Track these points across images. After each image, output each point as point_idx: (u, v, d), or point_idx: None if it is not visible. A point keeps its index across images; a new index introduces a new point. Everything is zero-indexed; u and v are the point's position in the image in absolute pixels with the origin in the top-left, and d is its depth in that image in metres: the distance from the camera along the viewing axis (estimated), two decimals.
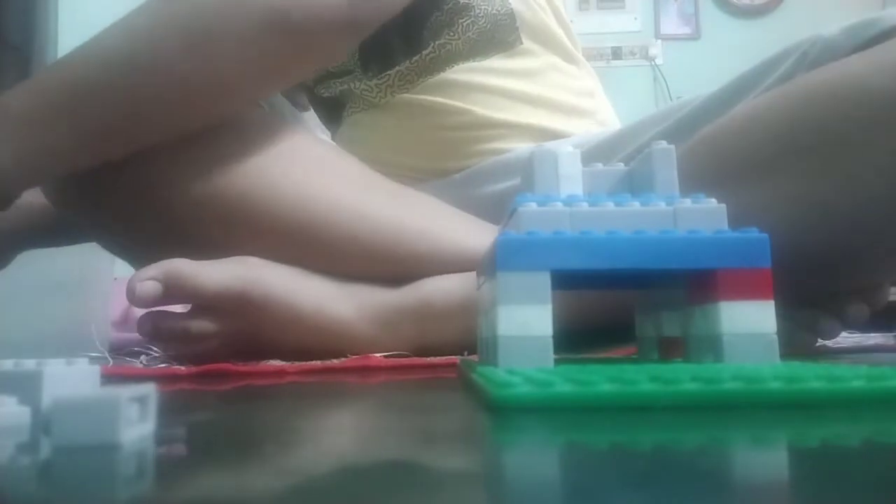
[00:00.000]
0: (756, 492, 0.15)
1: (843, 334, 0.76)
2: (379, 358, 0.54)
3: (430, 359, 0.54)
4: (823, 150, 0.49)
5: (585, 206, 0.34)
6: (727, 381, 0.25)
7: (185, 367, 0.49)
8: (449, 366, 0.50)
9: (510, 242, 0.32)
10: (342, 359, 0.53)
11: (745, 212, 0.38)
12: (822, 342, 0.65)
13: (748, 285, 0.31)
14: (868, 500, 0.14)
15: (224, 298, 0.54)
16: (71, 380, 0.23)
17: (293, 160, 0.59)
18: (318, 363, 0.52)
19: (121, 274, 0.73)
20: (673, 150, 0.36)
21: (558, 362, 0.32)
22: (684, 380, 0.25)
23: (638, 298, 0.43)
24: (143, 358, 0.58)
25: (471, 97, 0.71)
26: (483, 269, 0.39)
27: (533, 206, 0.34)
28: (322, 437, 0.24)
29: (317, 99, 0.80)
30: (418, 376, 0.44)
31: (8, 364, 0.23)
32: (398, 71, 0.72)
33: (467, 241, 0.59)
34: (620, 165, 0.39)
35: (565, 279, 0.33)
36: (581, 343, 0.52)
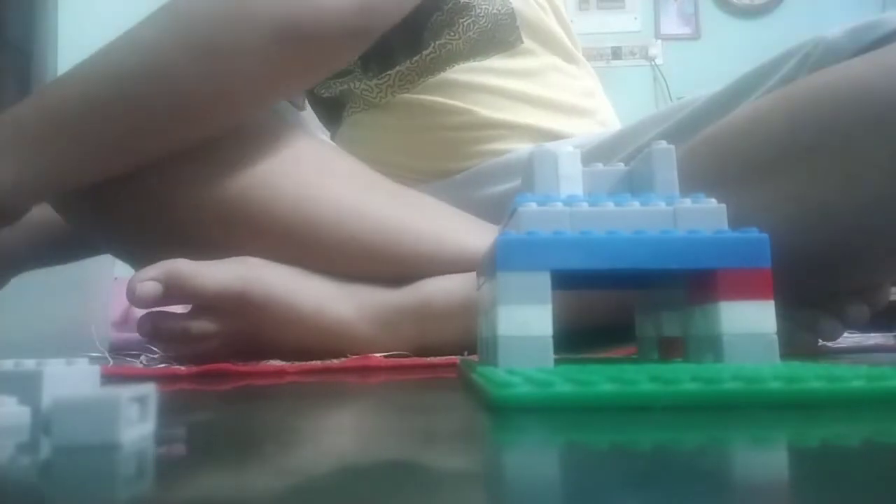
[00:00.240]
0: (756, 492, 0.15)
1: (843, 334, 0.76)
2: (379, 358, 0.54)
3: (430, 359, 0.54)
4: (825, 151, 0.49)
5: (585, 206, 0.34)
6: (727, 381, 0.25)
7: (185, 367, 0.49)
8: (449, 366, 0.50)
9: (510, 242, 0.32)
10: (342, 359, 0.53)
11: (745, 212, 0.38)
12: (823, 342, 0.65)
13: (748, 285, 0.31)
14: (868, 500, 0.14)
15: (224, 298, 0.54)
16: (71, 380, 0.23)
17: (293, 160, 0.59)
18: (318, 363, 0.52)
19: (121, 274, 0.73)
20: (673, 150, 0.36)
21: (558, 362, 0.32)
22: (684, 380, 0.25)
23: (638, 298, 0.43)
24: (143, 358, 0.58)
25: (471, 97, 0.71)
26: (483, 270, 0.39)
27: (533, 206, 0.34)
28: (322, 437, 0.24)
29: (316, 99, 0.80)
30: (418, 376, 0.44)
31: (8, 364, 0.23)
32: (398, 71, 0.72)
33: (467, 241, 0.59)
34: (620, 165, 0.39)
35: (565, 279, 0.33)
36: (581, 343, 0.52)
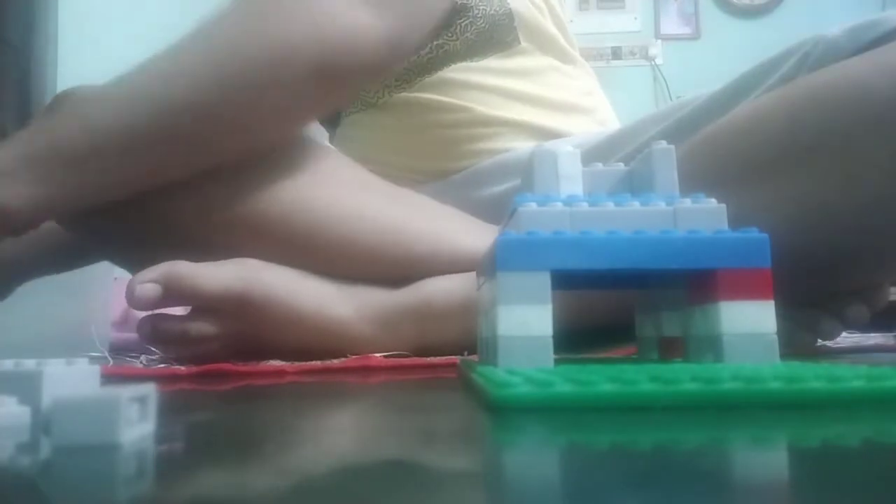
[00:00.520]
0: (756, 492, 0.15)
1: (843, 334, 0.76)
2: (379, 358, 0.54)
3: (430, 359, 0.54)
4: (825, 151, 0.49)
5: (585, 206, 0.34)
6: (727, 381, 0.25)
7: (185, 367, 0.49)
8: (449, 366, 0.50)
9: (510, 242, 0.32)
10: (342, 359, 0.53)
11: (745, 212, 0.38)
12: (823, 342, 0.65)
13: (748, 285, 0.31)
14: (868, 500, 0.14)
15: (224, 300, 0.54)
16: (71, 380, 0.23)
17: (291, 163, 0.59)
18: (318, 363, 0.52)
19: (121, 274, 0.73)
20: (673, 150, 0.36)
21: (558, 362, 0.32)
22: (684, 380, 0.25)
23: (638, 298, 0.43)
24: (143, 358, 0.58)
25: (468, 95, 0.71)
26: (483, 270, 0.39)
27: (533, 206, 0.34)
28: (322, 437, 0.24)
29: None
30: (418, 376, 0.44)
31: (8, 364, 0.23)
32: (395, 71, 0.72)
33: (466, 241, 0.59)
34: (620, 165, 0.39)
35: (565, 279, 0.33)
36: (581, 343, 0.52)
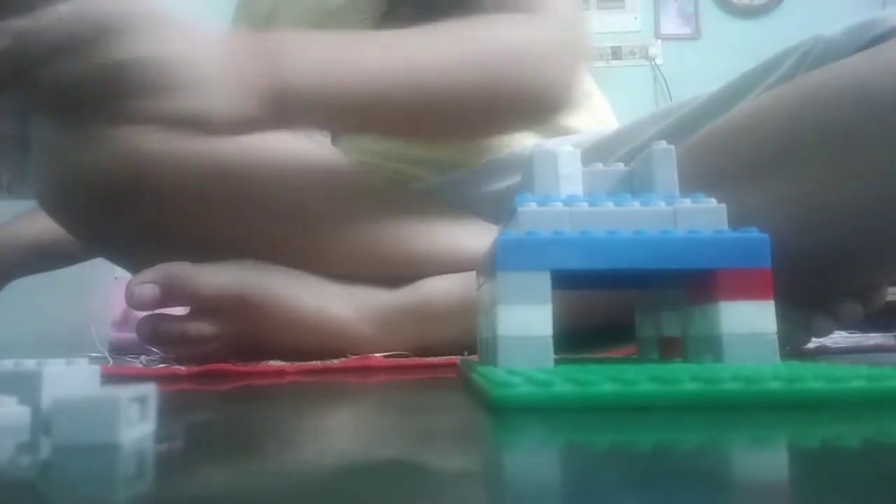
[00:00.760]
0: (756, 492, 0.15)
1: (843, 334, 0.76)
2: (379, 358, 0.54)
3: (430, 359, 0.54)
4: (824, 149, 0.49)
5: (585, 206, 0.34)
6: (727, 381, 0.25)
7: (185, 367, 0.49)
8: (449, 366, 0.50)
9: (510, 242, 0.32)
10: (342, 359, 0.53)
11: (745, 211, 0.38)
12: (822, 343, 0.65)
13: (748, 285, 0.31)
14: (868, 500, 0.14)
15: (223, 301, 0.54)
16: (71, 380, 0.23)
17: (289, 163, 0.59)
18: (318, 363, 0.52)
19: (121, 274, 0.73)
20: (673, 150, 0.36)
21: (558, 362, 0.32)
22: (684, 380, 0.25)
23: (638, 298, 0.43)
24: (143, 358, 0.58)
25: None
26: (483, 269, 0.39)
27: (533, 206, 0.34)
28: (322, 437, 0.24)
29: None
30: (418, 376, 0.44)
31: (8, 364, 0.23)
32: None
33: (466, 241, 0.59)
34: (620, 165, 0.39)
35: (565, 279, 0.33)
36: (581, 343, 0.52)
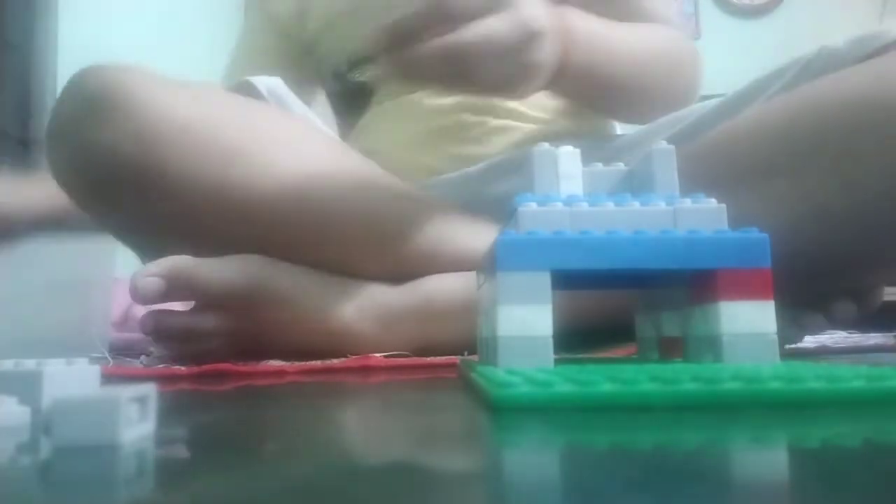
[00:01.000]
0: (756, 492, 0.15)
1: (843, 334, 0.76)
2: (379, 358, 0.54)
3: (430, 359, 0.54)
4: (823, 156, 0.50)
5: (585, 205, 0.34)
6: (727, 381, 0.25)
7: (185, 367, 0.49)
8: (449, 366, 0.50)
9: (510, 242, 0.32)
10: (342, 359, 0.53)
11: (746, 215, 0.39)
12: (822, 343, 0.65)
13: (748, 285, 0.31)
14: (868, 500, 0.14)
15: (227, 296, 0.54)
16: (71, 380, 0.23)
17: (299, 153, 0.59)
18: (318, 363, 0.52)
19: (121, 274, 0.73)
20: (673, 150, 0.36)
21: (558, 362, 0.32)
22: (684, 380, 0.25)
23: (638, 298, 0.43)
24: (143, 358, 0.58)
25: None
26: (483, 269, 0.39)
27: (533, 205, 0.34)
28: (322, 437, 0.24)
29: (342, 85, 0.80)
30: (418, 376, 0.44)
31: (8, 364, 0.23)
32: None
33: (469, 239, 0.59)
34: (620, 165, 0.39)
35: (565, 279, 0.33)
36: (581, 343, 0.52)
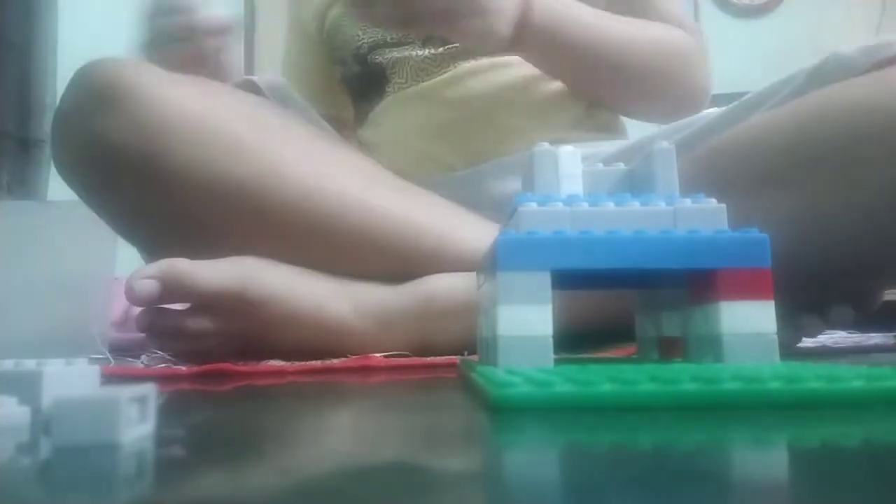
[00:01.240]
0: (756, 492, 0.15)
1: (843, 334, 0.76)
2: (379, 358, 0.54)
3: (430, 359, 0.54)
4: (829, 164, 0.51)
5: (586, 205, 0.34)
6: (727, 381, 0.25)
7: (185, 367, 0.49)
8: (449, 366, 0.50)
9: (510, 242, 0.32)
10: (342, 359, 0.53)
11: (751, 221, 0.39)
12: (822, 343, 0.66)
13: (748, 285, 0.31)
14: (868, 500, 0.14)
15: (221, 298, 0.54)
16: (71, 380, 0.23)
17: (302, 151, 0.59)
18: (318, 363, 0.52)
19: (121, 274, 0.73)
20: (673, 150, 0.36)
21: (558, 362, 0.31)
22: (684, 380, 0.25)
23: (638, 298, 0.43)
24: (143, 358, 0.58)
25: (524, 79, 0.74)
26: (483, 269, 0.39)
27: (533, 205, 0.34)
28: (322, 437, 0.24)
29: (358, 72, 0.80)
30: (418, 376, 0.44)
31: (8, 364, 0.23)
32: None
33: (471, 238, 0.59)
34: (621, 165, 0.39)
35: (565, 279, 0.33)
36: (581, 343, 0.52)
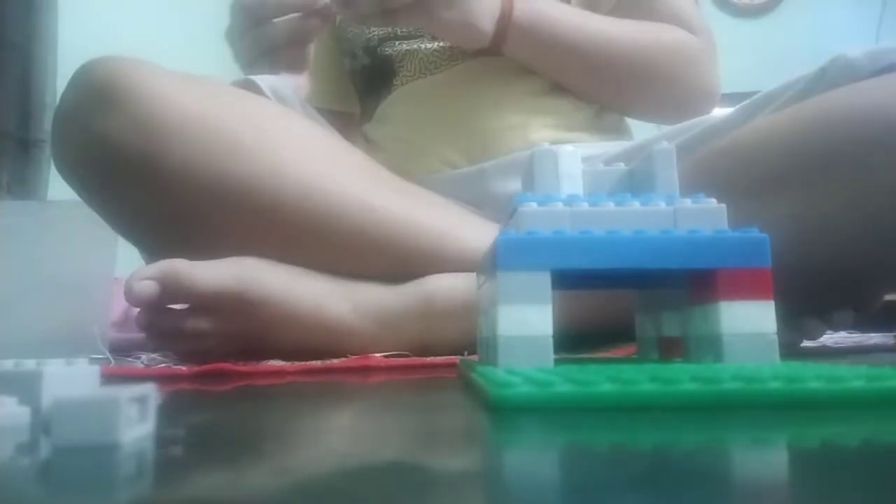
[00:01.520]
0: (756, 492, 0.15)
1: (843, 334, 0.76)
2: (379, 358, 0.54)
3: (430, 359, 0.54)
4: (833, 168, 0.51)
5: (586, 205, 0.34)
6: (727, 381, 0.25)
7: (185, 367, 0.49)
8: (449, 366, 0.50)
9: (511, 242, 0.32)
10: (342, 359, 0.53)
11: (754, 224, 0.39)
12: (823, 343, 0.65)
13: (748, 285, 0.31)
14: (868, 500, 0.14)
15: (221, 299, 0.54)
16: (71, 380, 0.23)
17: (302, 151, 0.59)
18: (318, 363, 0.52)
19: (121, 274, 0.73)
20: (673, 149, 0.36)
21: (558, 362, 0.31)
22: (684, 380, 0.25)
23: (638, 298, 0.43)
24: (143, 358, 0.58)
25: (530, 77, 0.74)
26: (483, 269, 0.39)
27: (533, 205, 0.34)
28: (322, 437, 0.24)
29: (367, 65, 0.80)
30: (418, 376, 0.44)
31: (8, 364, 0.23)
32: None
33: (472, 238, 0.59)
34: (621, 165, 0.39)
35: (565, 279, 0.33)
36: (581, 343, 0.52)
